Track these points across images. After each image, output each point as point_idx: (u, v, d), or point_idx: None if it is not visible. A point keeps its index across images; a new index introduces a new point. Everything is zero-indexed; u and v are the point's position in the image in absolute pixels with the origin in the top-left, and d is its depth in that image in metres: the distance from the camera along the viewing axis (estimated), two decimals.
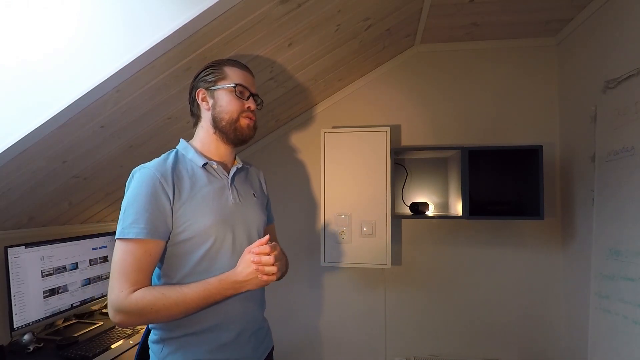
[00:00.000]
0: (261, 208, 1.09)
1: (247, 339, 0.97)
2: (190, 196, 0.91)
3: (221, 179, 0.99)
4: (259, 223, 1.05)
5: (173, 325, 0.90)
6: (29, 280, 1.43)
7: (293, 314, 2.06)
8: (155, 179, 0.88)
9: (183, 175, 0.93)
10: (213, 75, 0.99)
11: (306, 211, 2.07)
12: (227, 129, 0.98)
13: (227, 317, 0.93)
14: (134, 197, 0.87)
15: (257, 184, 1.16)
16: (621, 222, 1.33)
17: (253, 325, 0.99)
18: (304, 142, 2.10)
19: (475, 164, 1.69)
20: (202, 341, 0.91)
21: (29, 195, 1.35)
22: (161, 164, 0.92)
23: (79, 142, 1.22)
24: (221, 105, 0.98)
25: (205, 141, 1.01)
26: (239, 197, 1.01)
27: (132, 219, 0.84)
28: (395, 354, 1.97)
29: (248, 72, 1.04)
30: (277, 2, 1.05)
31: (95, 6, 0.96)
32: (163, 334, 0.92)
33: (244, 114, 0.99)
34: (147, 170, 0.89)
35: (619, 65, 1.41)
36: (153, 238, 0.85)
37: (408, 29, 1.76)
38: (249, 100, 1.01)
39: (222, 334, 0.92)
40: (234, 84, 0.98)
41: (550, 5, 1.56)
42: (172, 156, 0.96)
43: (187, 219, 0.89)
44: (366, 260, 1.76)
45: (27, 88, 1.02)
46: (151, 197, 0.86)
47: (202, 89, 1.00)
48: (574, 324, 1.73)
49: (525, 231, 1.89)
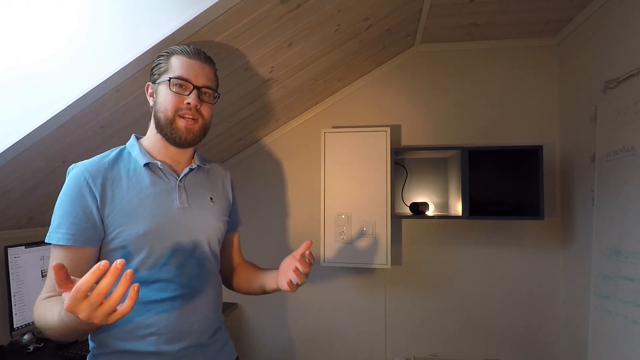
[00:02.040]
0: (218, 214, 0.97)
1: (191, 357, 0.86)
2: (125, 200, 0.82)
3: (168, 181, 0.89)
4: (212, 230, 0.94)
5: (105, 340, 0.82)
6: (29, 280, 1.43)
7: (293, 314, 2.06)
8: (82, 181, 0.80)
9: (121, 176, 0.84)
10: (159, 66, 0.89)
11: (306, 211, 2.06)
12: (164, 129, 0.87)
13: (162, 336, 0.82)
14: (61, 198, 0.81)
15: (219, 187, 1.03)
16: (621, 222, 1.33)
17: (199, 341, 0.88)
18: (304, 142, 2.10)
19: (475, 164, 1.69)
20: (137, 358, 0.82)
21: (29, 195, 1.35)
22: (95, 163, 0.84)
23: (79, 142, 1.22)
24: (159, 102, 0.88)
25: (152, 139, 0.91)
26: (187, 201, 0.90)
27: (57, 222, 0.79)
28: (395, 354, 1.97)
29: (199, 59, 0.89)
30: (277, 2, 1.05)
31: (95, 6, 0.96)
32: (96, 348, 0.85)
33: (181, 112, 0.86)
34: (77, 170, 0.82)
35: (619, 65, 1.41)
36: (75, 244, 0.78)
37: (408, 29, 1.76)
38: (190, 96, 0.86)
39: (159, 354, 0.82)
40: (170, 77, 0.86)
41: (550, 5, 1.56)
42: (114, 154, 0.88)
43: (118, 225, 0.81)
44: (366, 260, 1.76)
45: (27, 88, 1.02)
46: (76, 200, 0.79)
47: (149, 83, 0.92)
48: (574, 324, 1.73)
49: (525, 231, 1.89)
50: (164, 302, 0.83)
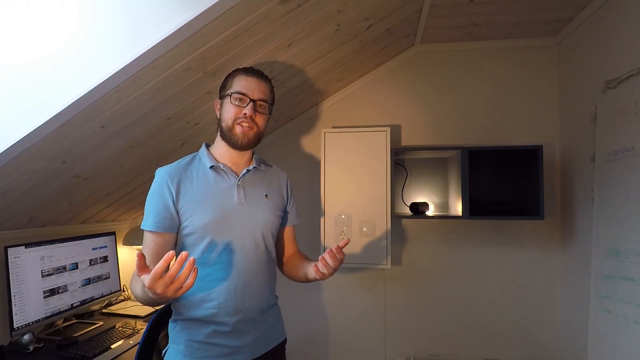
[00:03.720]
0: (272, 209, 1.12)
1: (244, 330, 1.03)
2: (195, 195, 1.01)
3: (229, 180, 1.06)
4: (266, 223, 1.09)
5: (180, 309, 1.03)
6: (29, 280, 1.43)
7: (293, 314, 2.06)
8: (162, 180, 1.01)
9: (192, 176, 1.04)
10: (225, 84, 1.08)
11: (306, 211, 2.06)
12: (227, 135, 1.06)
13: (220, 309, 1.00)
14: (149, 195, 1.02)
15: (276, 186, 1.18)
16: (621, 222, 1.33)
17: (251, 316, 1.04)
18: (304, 142, 2.10)
19: (475, 164, 1.69)
20: (201, 326, 1.00)
21: (29, 195, 1.35)
22: (174, 166, 1.05)
23: (79, 142, 1.22)
24: (223, 112, 1.07)
25: (217, 145, 1.10)
26: (245, 197, 1.06)
27: (146, 214, 1.00)
28: (395, 354, 1.97)
29: (255, 77, 1.07)
30: (277, 2, 1.05)
31: (95, 6, 0.96)
32: (175, 315, 1.05)
33: (238, 120, 1.03)
34: (159, 172, 1.03)
35: (619, 65, 1.41)
36: (158, 230, 0.99)
37: (408, 29, 1.76)
38: (246, 107, 1.03)
39: (218, 323, 1.00)
40: (231, 92, 1.04)
41: (550, 5, 1.56)
42: (188, 159, 1.08)
43: (189, 215, 1.00)
44: (366, 260, 1.76)
45: (27, 88, 1.02)
46: (158, 195, 1.00)
47: (218, 99, 1.11)
48: (574, 324, 1.73)
49: (525, 231, 1.89)
50: (223, 281, 1.01)
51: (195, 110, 1.42)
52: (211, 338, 1.00)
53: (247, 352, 1.03)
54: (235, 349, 1.02)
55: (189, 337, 1.01)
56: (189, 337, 1.01)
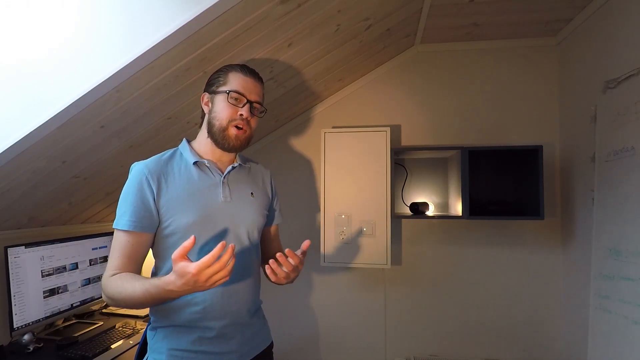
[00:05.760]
0: (258, 208, 1.08)
1: (230, 335, 0.98)
2: (177, 193, 0.95)
3: (213, 177, 1.01)
4: (251, 222, 1.05)
5: (161, 315, 0.96)
6: (29, 280, 1.43)
7: (293, 314, 2.06)
8: (142, 175, 0.93)
9: (174, 172, 0.97)
10: (217, 79, 1.02)
11: (306, 211, 2.06)
12: (216, 135, 1.00)
13: (207, 313, 0.95)
14: (125, 191, 0.94)
15: (260, 184, 1.15)
16: (621, 222, 1.33)
17: (238, 320, 1.00)
18: (304, 142, 2.10)
19: (475, 164, 1.69)
20: (185, 333, 0.95)
21: (29, 195, 1.35)
22: (153, 161, 0.97)
23: (79, 142, 1.22)
24: (215, 110, 1.01)
25: (202, 142, 1.05)
26: (230, 196, 1.02)
27: (121, 211, 0.92)
28: (395, 354, 1.97)
29: (253, 78, 1.03)
30: (277, 2, 1.05)
31: (95, 6, 0.96)
32: (155, 322, 0.99)
33: (234, 122, 0.99)
34: (138, 166, 0.95)
35: (619, 65, 1.41)
36: (135, 230, 0.91)
37: (408, 29, 1.76)
38: (243, 108, 1.00)
39: (203, 328, 0.95)
40: (228, 90, 0.99)
41: (550, 5, 1.56)
42: (169, 154, 1.01)
43: (171, 214, 0.94)
44: (366, 260, 1.76)
45: (27, 88, 1.02)
46: (137, 192, 0.92)
47: (206, 93, 1.04)
48: (574, 324, 1.73)
49: (525, 231, 1.89)
50: None
51: (195, 110, 1.42)
52: (196, 345, 0.95)
53: (234, 357, 0.99)
54: (221, 355, 0.97)
55: (171, 345, 0.94)
56: (171, 345, 0.94)
